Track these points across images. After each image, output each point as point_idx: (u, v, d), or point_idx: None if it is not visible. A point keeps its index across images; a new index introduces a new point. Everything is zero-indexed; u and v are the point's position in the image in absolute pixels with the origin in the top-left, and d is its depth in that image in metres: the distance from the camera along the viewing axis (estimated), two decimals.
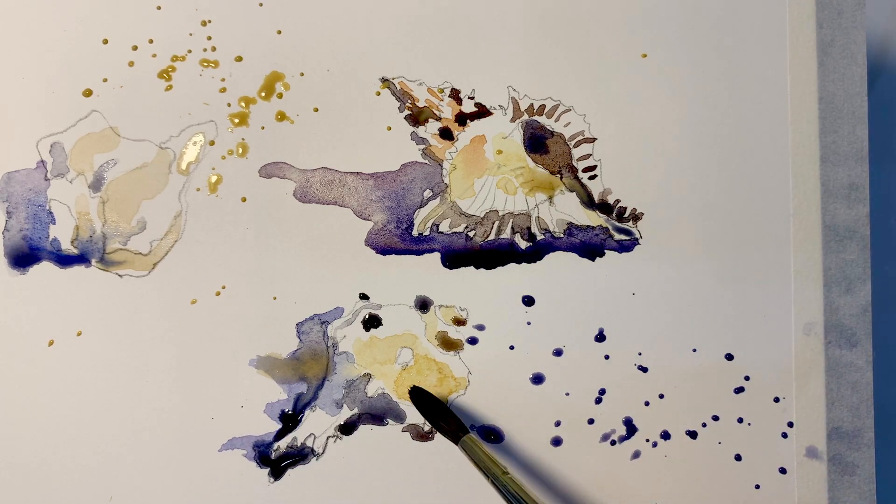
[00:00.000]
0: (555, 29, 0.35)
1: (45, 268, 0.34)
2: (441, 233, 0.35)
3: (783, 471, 0.35)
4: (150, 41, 0.34)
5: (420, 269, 0.35)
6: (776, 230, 0.35)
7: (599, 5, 0.35)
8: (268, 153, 0.35)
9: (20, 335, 0.34)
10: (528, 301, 0.35)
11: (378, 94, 0.35)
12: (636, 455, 0.35)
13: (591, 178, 0.35)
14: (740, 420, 0.35)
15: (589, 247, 0.35)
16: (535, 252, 0.35)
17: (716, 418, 0.35)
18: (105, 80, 0.34)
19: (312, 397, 0.35)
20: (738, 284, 0.35)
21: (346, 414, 0.35)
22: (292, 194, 0.35)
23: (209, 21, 0.35)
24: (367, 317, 0.35)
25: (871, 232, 0.35)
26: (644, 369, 0.35)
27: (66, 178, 0.34)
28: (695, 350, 0.35)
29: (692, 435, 0.35)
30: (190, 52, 0.34)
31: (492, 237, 0.35)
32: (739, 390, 0.35)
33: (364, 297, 0.35)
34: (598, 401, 0.35)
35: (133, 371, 0.34)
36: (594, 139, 0.35)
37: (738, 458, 0.35)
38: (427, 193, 0.35)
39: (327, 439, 0.35)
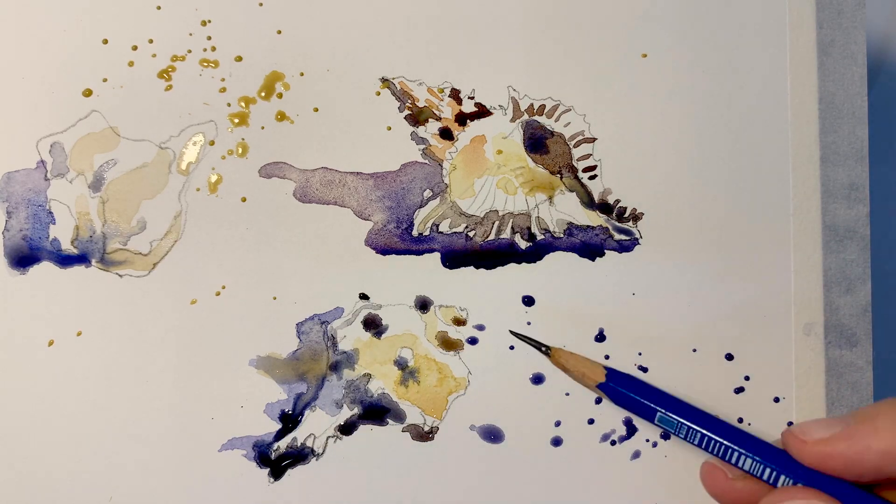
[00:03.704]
0: (555, 29, 0.35)
1: (45, 268, 0.34)
2: (441, 233, 0.35)
3: None
4: (150, 41, 0.34)
5: (420, 269, 0.35)
6: (776, 230, 0.35)
7: (599, 5, 0.35)
8: (268, 153, 0.35)
9: (20, 335, 0.34)
10: (528, 301, 0.35)
11: (378, 94, 0.35)
12: (636, 455, 0.35)
13: (591, 178, 0.35)
14: (740, 420, 0.35)
15: (589, 247, 0.35)
16: (535, 252, 0.35)
17: None
18: (105, 80, 0.34)
19: (312, 397, 0.35)
20: (738, 285, 0.35)
21: (346, 414, 0.35)
22: (292, 194, 0.35)
23: (209, 21, 0.35)
24: (367, 317, 0.35)
25: (871, 232, 0.35)
26: (644, 369, 0.35)
27: (66, 178, 0.34)
28: (695, 350, 0.35)
29: None
30: (190, 52, 0.34)
31: (492, 237, 0.35)
32: (739, 390, 0.35)
33: (364, 297, 0.35)
34: (598, 401, 0.35)
35: (133, 371, 0.34)
36: (594, 139, 0.35)
37: None
38: (427, 193, 0.35)
39: (327, 439, 0.34)
